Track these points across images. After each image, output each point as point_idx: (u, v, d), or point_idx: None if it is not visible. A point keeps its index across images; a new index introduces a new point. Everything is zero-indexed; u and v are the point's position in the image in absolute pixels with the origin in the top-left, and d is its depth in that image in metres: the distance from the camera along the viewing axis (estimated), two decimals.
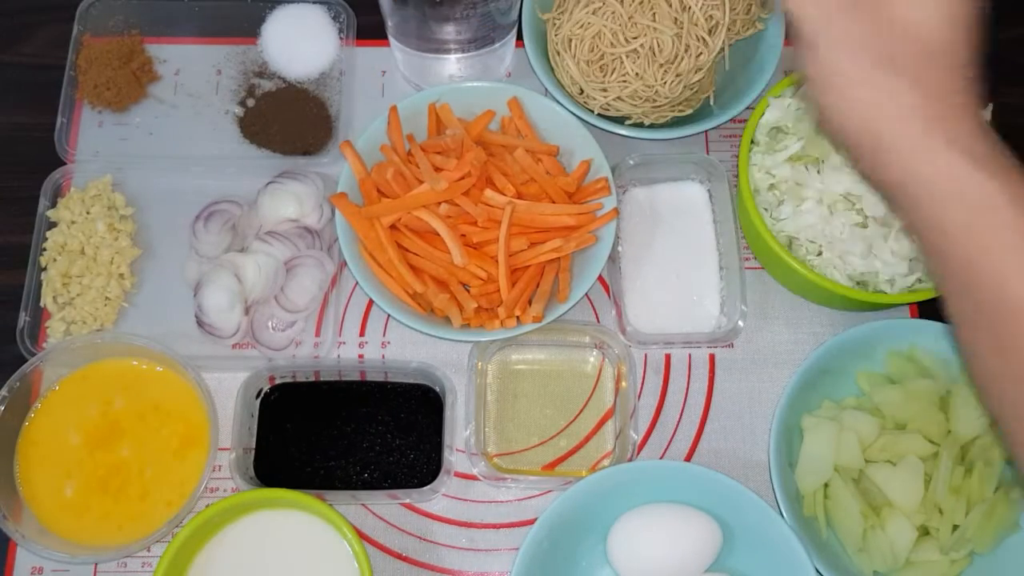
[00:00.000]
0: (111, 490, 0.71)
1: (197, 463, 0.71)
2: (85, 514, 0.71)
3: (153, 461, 0.72)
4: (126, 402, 0.73)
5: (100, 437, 0.73)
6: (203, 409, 0.72)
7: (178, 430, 0.73)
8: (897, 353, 0.74)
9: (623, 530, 0.68)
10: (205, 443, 0.72)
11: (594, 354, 0.77)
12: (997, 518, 0.67)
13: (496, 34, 0.80)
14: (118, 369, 0.74)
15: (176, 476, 0.72)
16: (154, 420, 0.73)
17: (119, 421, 0.73)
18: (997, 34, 0.91)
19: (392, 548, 0.72)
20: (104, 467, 0.72)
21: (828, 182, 0.72)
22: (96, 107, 0.84)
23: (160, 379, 0.74)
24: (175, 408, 0.73)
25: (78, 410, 0.73)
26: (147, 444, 0.72)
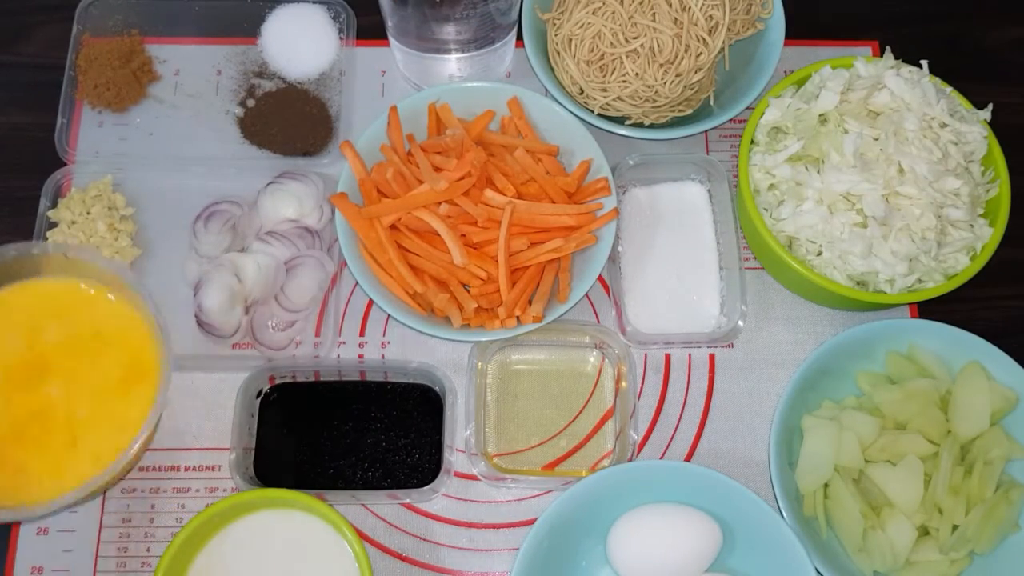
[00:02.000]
0: (28, 438, 0.61)
1: (142, 403, 0.61)
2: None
3: (88, 399, 0.61)
4: (59, 332, 0.63)
5: (22, 375, 0.62)
6: (153, 338, 0.62)
7: (121, 360, 0.62)
8: (897, 353, 0.74)
9: (623, 530, 0.68)
10: (154, 380, 0.61)
11: (594, 354, 0.77)
12: (997, 518, 0.67)
13: (496, 34, 0.80)
14: (51, 291, 0.64)
15: (115, 419, 0.61)
16: (91, 349, 0.63)
17: (47, 355, 0.62)
18: (995, 36, 0.92)
19: (392, 548, 0.72)
20: (24, 411, 0.61)
21: (828, 182, 0.72)
22: (96, 107, 0.84)
23: (101, 303, 0.64)
24: (118, 335, 0.63)
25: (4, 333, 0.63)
26: (81, 379, 0.62)
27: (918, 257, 0.71)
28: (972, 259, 0.73)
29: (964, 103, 0.77)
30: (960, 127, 0.74)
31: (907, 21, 0.92)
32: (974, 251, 0.74)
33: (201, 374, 0.76)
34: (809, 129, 0.75)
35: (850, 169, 0.71)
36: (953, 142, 0.73)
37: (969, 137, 0.74)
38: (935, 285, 0.72)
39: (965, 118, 0.75)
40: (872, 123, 0.73)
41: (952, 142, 0.73)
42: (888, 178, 0.71)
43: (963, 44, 0.91)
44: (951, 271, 0.73)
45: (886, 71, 0.75)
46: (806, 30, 0.87)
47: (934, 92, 0.74)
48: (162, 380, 0.60)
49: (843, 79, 0.75)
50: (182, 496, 0.73)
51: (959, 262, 0.73)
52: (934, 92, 0.74)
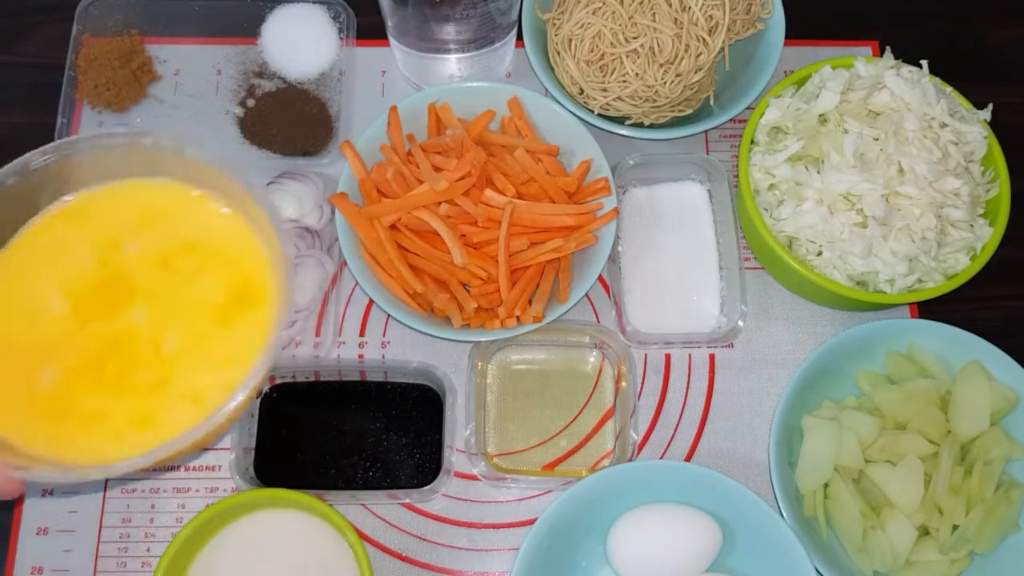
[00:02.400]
0: (108, 377, 0.48)
1: (249, 337, 0.47)
2: (67, 415, 0.47)
3: (179, 328, 0.48)
4: (142, 245, 0.50)
5: (100, 297, 0.49)
6: (269, 263, 0.49)
7: (224, 283, 0.49)
8: (897, 353, 0.74)
9: (623, 530, 0.68)
10: (266, 310, 0.48)
11: (594, 354, 0.77)
12: (997, 518, 0.67)
13: (496, 34, 0.80)
14: (134, 195, 0.50)
15: (214, 354, 0.48)
16: (186, 265, 0.50)
17: (129, 273, 0.49)
18: (994, 36, 0.92)
19: (392, 548, 0.72)
20: (101, 343, 0.48)
21: (828, 182, 0.72)
22: (96, 107, 0.84)
23: (209, 214, 0.50)
24: (223, 253, 0.50)
25: (63, 260, 0.49)
26: (171, 301, 0.49)
27: (918, 257, 0.71)
28: (972, 259, 0.73)
29: (964, 103, 0.77)
30: (960, 127, 0.74)
31: (907, 21, 0.92)
32: (974, 251, 0.74)
33: None
34: (809, 129, 0.75)
35: (850, 169, 0.71)
36: (953, 142, 0.73)
37: (969, 137, 0.74)
38: (935, 285, 0.72)
39: (965, 118, 0.75)
40: (872, 123, 0.73)
41: (952, 142, 0.73)
42: (888, 178, 0.71)
43: (963, 44, 0.91)
44: (951, 271, 0.73)
45: (886, 71, 0.75)
46: (806, 30, 0.87)
47: (934, 92, 0.74)
48: (279, 309, 0.46)
49: (843, 79, 0.75)
50: (182, 496, 0.73)
51: (959, 262, 0.73)
52: (934, 92, 0.74)
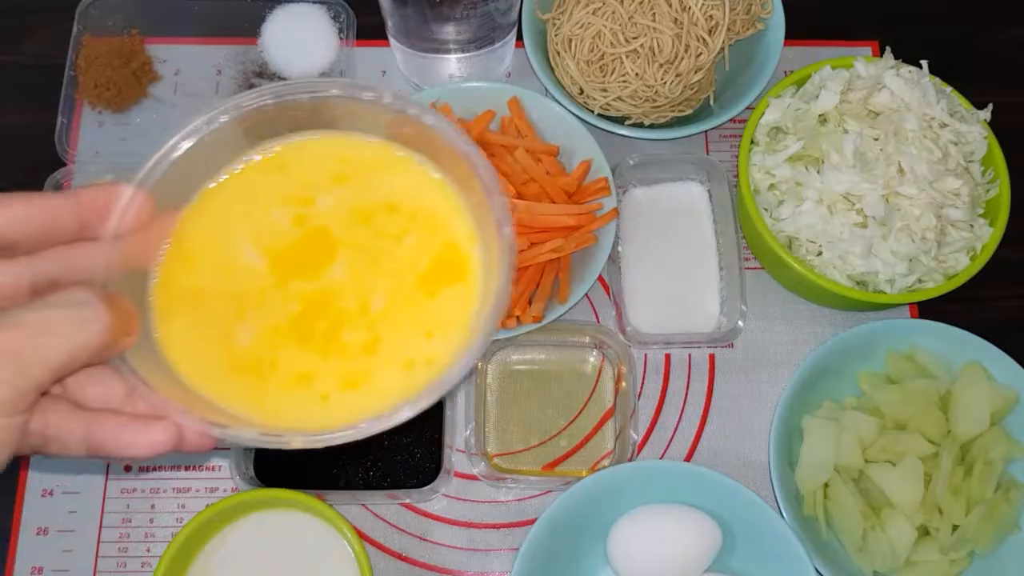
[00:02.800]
0: (316, 337, 0.44)
1: (455, 309, 0.44)
2: (269, 375, 0.43)
3: (385, 287, 0.45)
4: (340, 200, 0.46)
5: (298, 257, 0.45)
6: (473, 228, 0.46)
7: (429, 244, 0.46)
8: (897, 353, 0.74)
9: (623, 530, 0.68)
10: (472, 280, 0.45)
11: (594, 354, 0.77)
12: (997, 518, 0.67)
13: (496, 34, 0.80)
14: (337, 150, 0.47)
15: (422, 320, 0.44)
16: (388, 225, 0.46)
17: (326, 228, 0.46)
18: (995, 35, 0.92)
19: (392, 548, 0.72)
20: (305, 301, 0.45)
21: (828, 182, 0.72)
22: (96, 107, 0.84)
23: (417, 177, 0.47)
24: (425, 212, 0.46)
25: (257, 215, 0.46)
26: (375, 260, 0.45)
27: (918, 257, 0.71)
28: (972, 259, 0.73)
29: (964, 103, 0.77)
30: (960, 127, 0.74)
31: (907, 21, 0.91)
32: (974, 251, 0.74)
33: None
34: (809, 129, 0.74)
35: (850, 169, 0.71)
36: (953, 142, 0.73)
37: (969, 137, 0.74)
38: (935, 285, 0.72)
39: (965, 118, 0.75)
40: (872, 123, 0.73)
41: (952, 142, 0.73)
42: (888, 178, 0.71)
43: (963, 44, 0.91)
44: (951, 271, 0.73)
45: (886, 71, 0.75)
46: (806, 30, 0.87)
47: (934, 92, 0.74)
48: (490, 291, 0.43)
49: (843, 79, 0.75)
50: (182, 496, 0.73)
51: (959, 262, 0.73)
52: (934, 92, 0.74)
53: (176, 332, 0.44)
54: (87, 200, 0.43)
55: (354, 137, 0.48)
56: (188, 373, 0.43)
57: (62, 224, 0.42)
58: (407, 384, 0.43)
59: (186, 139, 0.46)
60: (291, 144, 0.47)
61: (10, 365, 0.36)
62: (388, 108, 0.46)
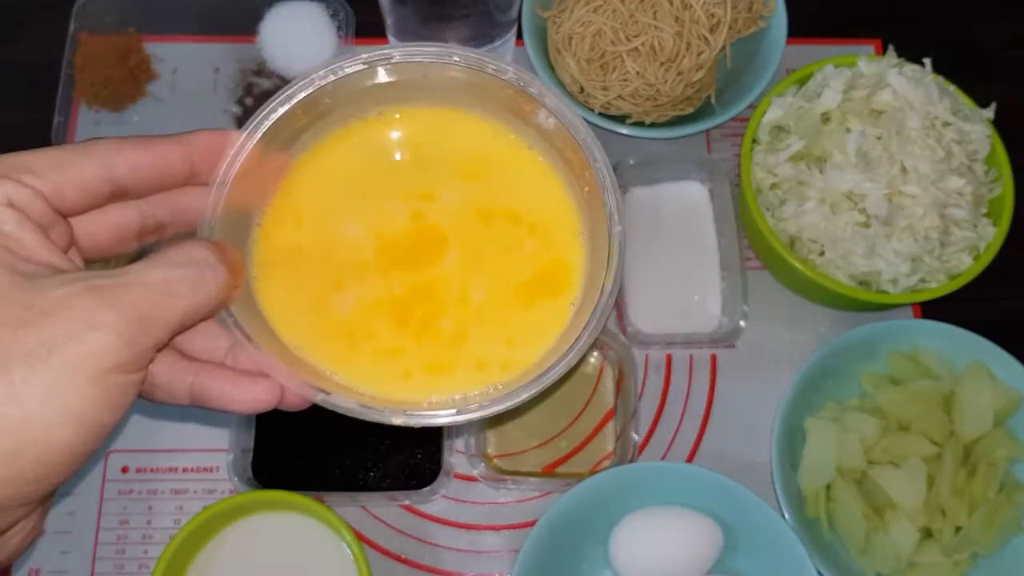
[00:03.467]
0: (412, 322, 0.45)
1: (550, 319, 0.45)
2: (363, 344, 0.45)
3: (487, 287, 0.46)
4: (461, 198, 0.47)
5: (404, 248, 0.46)
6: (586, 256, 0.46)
7: (538, 258, 0.46)
8: (900, 353, 0.73)
9: (624, 532, 0.67)
10: (570, 295, 0.46)
11: (594, 354, 0.77)
12: (1000, 520, 0.67)
13: (496, 32, 0.79)
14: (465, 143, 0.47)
15: (512, 326, 0.45)
16: (505, 231, 0.46)
17: (440, 226, 0.47)
18: (997, 34, 0.91)
19: (391, 550, 0.72)
20: (410, 287, 0.46)
21: (830, 181, 0.71)
22: (93, 106, 0.83)
23: (530, 168, 0.47)
24: (546, 224, 0.46)
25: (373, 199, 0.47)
26: (484, 259, 0.46)
27: (921, 257, 0.71)
28: (975, 259, 0.73)
29: (967, 102, 0.76)
30: (963, 126, 0.73)
31: (910, 19, 0.91)
32: (977, 251, 0.73)
33: None
34: (811, 128, 0.74)
35: (853, 168, 0.71)
36: (956, 141, 0.73)
37: (972, 136, 0.74)
38: (938, 285, 0.72)
39: (968, 117, 0.74)
40: (875, 122, 0.73)
41: (955, 141, 0.73)
42: (891, 177, 0.71)
43: (966, 42, 0.91)
44: (954, 271, 0.73)
45: (889, 69, 0.75)
46: (808, 28, 0.87)
47: (937, 91, 0.74)
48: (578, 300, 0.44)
49: (845, 78, 0.75)
50: (180, 498, 0.73)
51: (962, 262, 0.73)
52: (937, 91, 0.74)
53: (274, 285, 0.44)
54: (198, 146, 0.43)
55: (473, 113, 0.47)
56: (280, 327, 0.44)
57: (173, 169, 0.42)
58: (479, 380, 0.45)
59: (303, 90, 0.45)
60: (409, 111, 0.47)
61: (135, 326, 0.37)
62: (508, 84, 0.46)
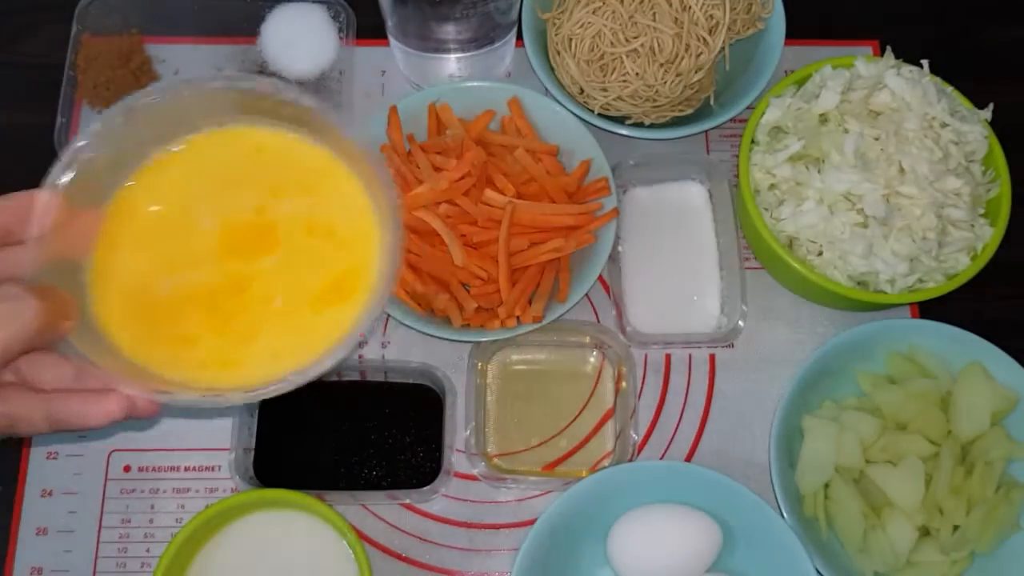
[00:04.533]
0: (222, 312, 0.50)
1: (334, 324, 0.50)
2: (169, 328, 0.50)
3: (289, 293, 0.51)
4: (298, 207, 0.52)
5: (243, 239, 0.51)
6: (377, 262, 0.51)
7: (337, 264, 0.52)
8: (898, 353, 0.74)
9: (623, 531, 0.68)
10: (354, 307, 0.50)
11: (594, 354, 0.77)
12: (998, 518, 0.67)
13: (496, 34, 0.80)
14: (310, 156, 0.53)
15: (302, 327, 0.51)
16: (322, 244, 0.52)
17: (279, 226, 0.52)
18: (995, 35, 0.92)
19: (392, 549, 0.72)
20: (229, 279, 0.51)
21: (829, 182, 0.72)
22: (96, 107, 0.84)
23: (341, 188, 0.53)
24: (351, 235, 0.52)
25: (230, 190, 0.52)
26: (296, 267, 0.51)
27: (919, 257, 0.71)
28: (973, 259, 0.73)
29: (965, 103, 0.77)
30: (961, 127, 0.74)
31: (908, 20, 0.91)
32: (975, 251, 0.73)
33: None
34: (810, 129, 0.74)
35: (851, 169, 0.71)
36: (954, 142, 0.73)
37: (970, 137, 0.74)
38: (936, 285, 0.72)
39: (966, 118, 0.75)
40: (873, 123, 0.73)
41: (953, 142, 0.73)
42: (889, 178, 0.71)
43: (964, 43, 0.91)
44: (952, 271, 0.73)
45: (887, 70, 0.75)
46: (806, 29, 0.87)
47: (935, 91, 0.74)
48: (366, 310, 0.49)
49: (844, 79, 0.75)
50: (182, 496, 0.73)
51: (960, 262, 0.73)
52: (935, 91, 0.74)
53: (113, 312, 0.50)
54: (6, 209, 0.48)
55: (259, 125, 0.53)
56: (121, 344, 0.49)
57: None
58: (274, 373, 0.49)
59: (88, 139, 0.50)
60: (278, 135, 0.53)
61: None
62: (268, 96, 0.51)
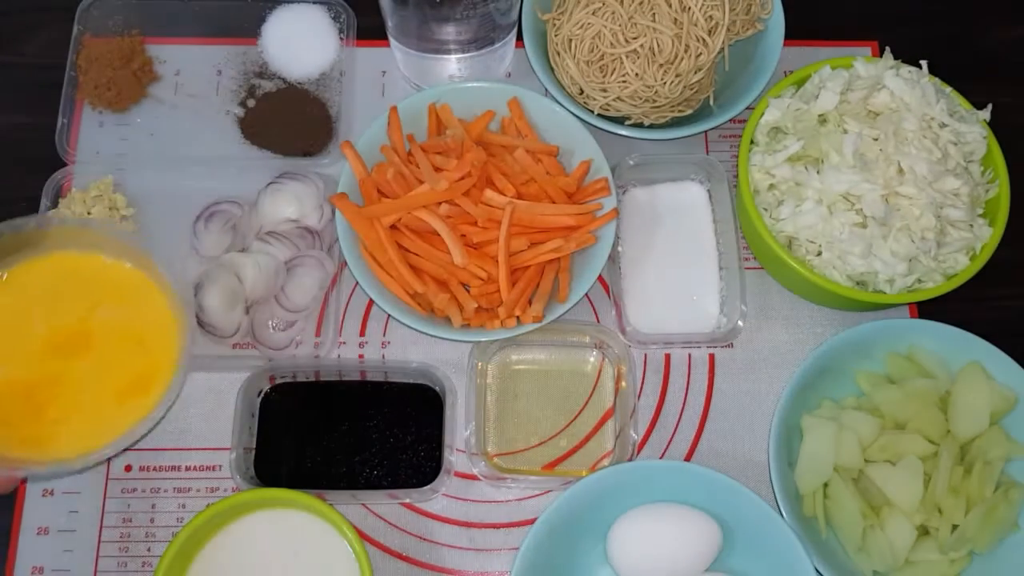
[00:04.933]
0: (34, 400, 0.62)
1: (129, 418, 0.62)
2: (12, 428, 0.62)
3: (97, 388, 0.63)
4: (110, 315, 0.64)
5: (65, 341, 0.63)
6: (174, 351, 0.63)
7: (137, 365, 0.63)
8: (896, 353, 0.74)
9: (623, 530, 0.68)
10: (151, 400, 0.62)
11: (594, 354, 0.77)
12: (996, 518, 0.67)
13: (496, 34, 0.80)
14: (119, 273, 0.65)
15: (107, 417, 0.63)
16: (130, 348, 0.64)
17: (93, 331, 0.64)
18: (994, 36, 0.92)
19: (392, 548, 0.72)
20: (49, 374, 0.63)
21: (827, 182, 0.72)
22: (97, 107, 0.84)
23: (152, 301, 0.65)
24: (152, 337, 0.64)
25: (58, 301, 0.63)
26: (106, 368, 0.63)
27: (918, 257, 0.71)
28: (972, 259, 0.73)
29: (964, 103, 0.77)
30: (960, 127, 0.74)
31: (907, 21, 0.92)
32: (974, 251, 0.74)
33: (201, 374, 0.76)
34: (809, 129, 0.75)
35: (850, 169, 0.71)
36: (953, 142, 0.73)
37: (969, 137, 0.74)
38: (935, 285, 0.73)
39: (965, 118, 0.75)
40: (872, 123, 0.73)
41: (952, 142, 0.73)
42: (888, 178, 0.71)
43: (963, 44, 0.91)
44: (951, 271, 0.73)
45: (886, 71, 0.75)
46: (806, 30, 0.87)
47: (934, 92, 0.74)
48: (160, 402, 0.62)
49: (843, 79, 0.75)
50: (183, 496, 0.74)
51: (959, 262, 0.73)
52: (934, 92, 0.74)
53: None
54: None
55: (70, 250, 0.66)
56: None
57: None
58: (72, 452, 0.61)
59: None
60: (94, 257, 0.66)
61: None
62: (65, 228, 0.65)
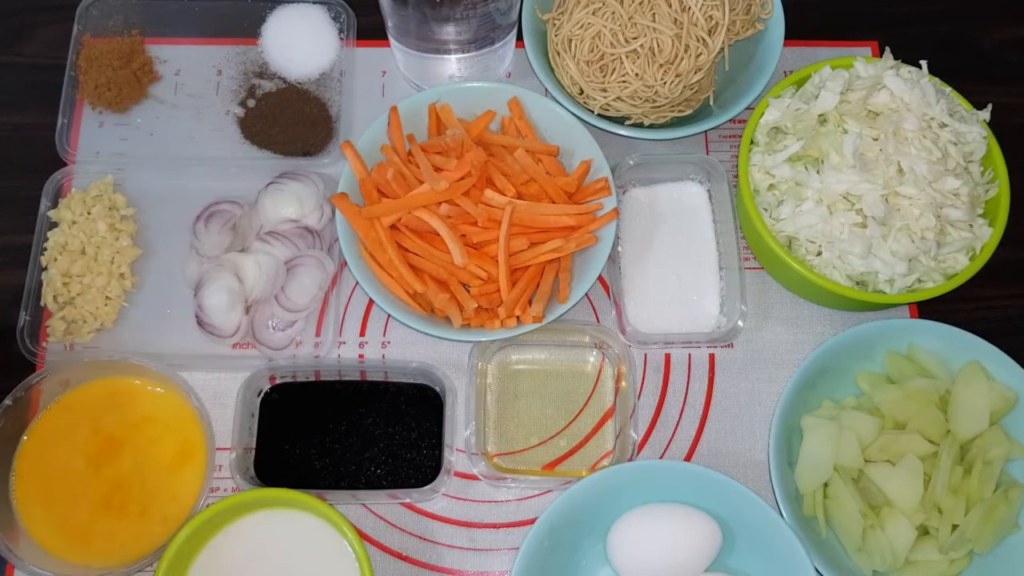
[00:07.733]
0: (114, 507, 0.71)
1: (193, 477, 0.71)
2: (92, 537, 0.70)
3: (150, 473, 0.72)
4: (115, 417, 0.73)
5: (99, 454, 0.72)
6: (199, 426, 0.72)
7: (173, 443, 0.72)
8: (896, 353, 0.74)
9: (623, 530, 0.68)
10: (202, 458, 0.71)
11: (594, 354, 0.77)
12: (996, 517, 0.67)
13: (496, 34, 0.80)
14: (108, 388, 0.74)
15: (171, 489, 0.71)
16: (148, 430, 0.73)
17: (113, 434, 0.72)
18: (994, 36, 0.92)
19: (392, 548, 0.72)
20: (108, 484, 0.71)
21: (827, 182, 0.72)
22: (97, 107, 0.84)
23: (153, 396, 0.74)
24: (169, 420, 0.73)
25: (71, 434, 0.72)
26: (144, 453, 0.72)
27: (917, 257, 0.71)
28: (971, 259, 0.73)
29: (963, 103, 0.77)
30: (959, 127, 0.74)
31: (906, 21, 0.92)
32: (973, 251, 0.74)
33: (201, 374, 0.76)
34: (809, 129, 0.75)
35: (850, 169, 0.71)
36: (952, 142, 0.74)
37: (968, 137, 0.74)
38: (934, 285, 0.73)
39: (964, 118, 0.75)
40: (872, 123, 0.73)
41: (951, 142, 0.73)
42: (887, 178, 0.71)
43: (962, 44, 0.91)
44: (950, 271, 0.73)
45: (885, 71, 0.75)
46: (806, 30, 0.87)
47: (933, 92, 0.74)
48: (208, 460, 0.71)
49: (843, 79, 0.75)
50: None
51: (958, 262, 0.73)
52: (933, 92, 0.74)
53: (34, 518, 0.71)
54: None
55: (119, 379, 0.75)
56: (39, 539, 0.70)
57: None
58: (167, 531, 0.69)
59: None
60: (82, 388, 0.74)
61: None
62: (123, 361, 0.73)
